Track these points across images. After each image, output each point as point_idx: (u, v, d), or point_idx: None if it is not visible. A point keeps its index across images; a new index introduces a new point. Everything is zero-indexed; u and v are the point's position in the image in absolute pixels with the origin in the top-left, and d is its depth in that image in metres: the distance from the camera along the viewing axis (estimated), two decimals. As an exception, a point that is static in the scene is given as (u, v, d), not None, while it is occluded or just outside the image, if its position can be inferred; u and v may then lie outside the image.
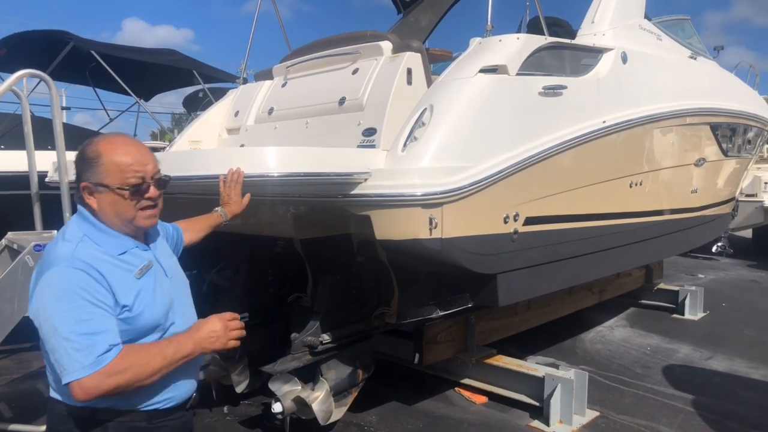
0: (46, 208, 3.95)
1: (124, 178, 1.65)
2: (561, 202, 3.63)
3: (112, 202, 1.67)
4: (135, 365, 1.56)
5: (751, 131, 6.23)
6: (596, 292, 5.74)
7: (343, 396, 3.44)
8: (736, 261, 9.77)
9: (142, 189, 1.69)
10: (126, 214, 1.69)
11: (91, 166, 1.66)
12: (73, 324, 1.51)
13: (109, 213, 1.68)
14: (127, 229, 1.73)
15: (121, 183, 1.65)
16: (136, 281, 1.67)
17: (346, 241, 3.58)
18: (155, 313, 1.69)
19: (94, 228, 1.69)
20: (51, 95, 3.74)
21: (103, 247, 1.66)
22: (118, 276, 1.63)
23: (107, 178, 1.65)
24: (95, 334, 1.52)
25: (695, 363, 4.90)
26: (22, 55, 7.02)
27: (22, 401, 4.02)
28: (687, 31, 5.65)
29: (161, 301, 1.72)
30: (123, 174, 1.65)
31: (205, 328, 1.71)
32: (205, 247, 2.48)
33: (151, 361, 1.58)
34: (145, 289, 1.68)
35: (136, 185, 1.67)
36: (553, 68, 3.72)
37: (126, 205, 1.67)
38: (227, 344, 1.74)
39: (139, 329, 1.65)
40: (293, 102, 4.02)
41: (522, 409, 3.90)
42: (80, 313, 1.53)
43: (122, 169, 1.65)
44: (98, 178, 1.65)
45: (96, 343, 1.51)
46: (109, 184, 1.65)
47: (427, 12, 6.23)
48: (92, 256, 1.61)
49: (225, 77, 8.84)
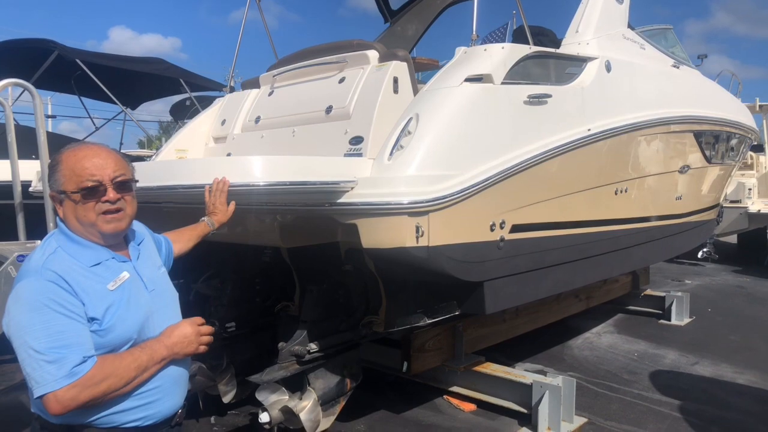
0: (30, 217, 3.91)
1: (78, 182, 1.65)
2: (547, 210, 3.65)
3: (72, 207, 1.67)
4: (111, 375, 1.55)
5: (734, 138, 6.31)
6: (583, 299, 5.77)
7: (331, 405, 3.42)
8: (721, 266, 9.87)
9: (98, 192, 1.66)
10: (85, 218, 1.67)
11: (52, 174, 1.69)
12: (44, 337, 1.50)
13: (71, 220, 1.69)
14: (96, 238, 1.71)
15: (76, 187, 1.65)
16: (108, 293, 1.65)
17: (333, 250, 3.57)
18: (127, 327, 1.65)
19: (68, 239, 1.69)
20: (35, 105, 3.72)
21: (76, 259, 1.65)
22: (88, 287, 1.61)
23: (65, 184, 1.66)
24: (67, 347, 1.50)
25: (682, 368, 4.94)
26: (6, 63, 6.98)
27: (4, 415, 3.97)
28: (670, 40, 5.73)
29: (135, 315, 1.68)
30: (78, 178, 1.65)
31: (176, 333, 1.73)
32: (191, 256, 2.47)
33: (127, 371, 1.59)
34: (118, 302, 1.65)
35: (91, 188, 1.65)
36: (538, 77, 3.75)
37: (84, 210, 1.66)
38: (198, 348, 1.78)
39: (109, 343, 1.62)
40: (280, 110, 4.02)
41: (510, 416, 3.91)
42: (51, 325, 1.51)
43: (77, 173, 1.65)
44: (57, 185, 1.68)
45: (68, 356, 1.49)
46: (66, 190, 1.66)
47: (414, 21, 6.26)
48: (62, 267, 1.60)
49: (212, 86, 8.83)
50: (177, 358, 1.74)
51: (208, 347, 1.81)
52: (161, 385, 1.71)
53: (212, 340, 1.83)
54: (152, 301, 1.77)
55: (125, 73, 7.67)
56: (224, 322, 3.90)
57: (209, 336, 1.81)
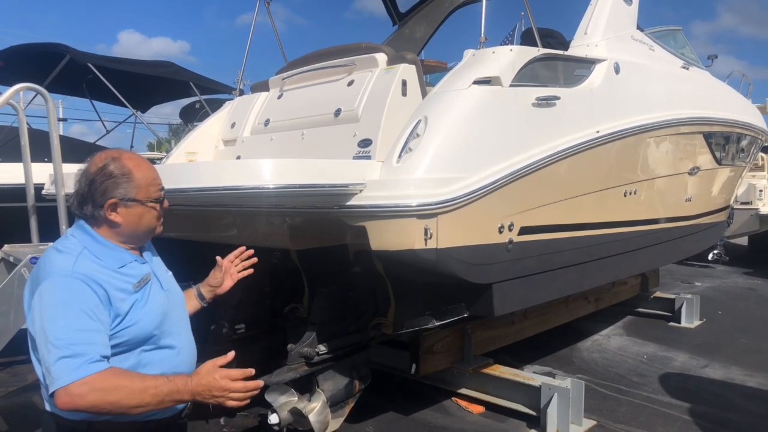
0: (43, 220, 3.95)
1: (150, 192, 1.78)
2: (556, 212, 3.65)
3: (141, 214, 1.77)
4: (125, 387, 1.55)
5: (744, 139, 6.27)
6: (592, 301, 5.75)
7: (340, 407, 3.43)
8: (732, 269, 9.79)
9: (163, 201, 1.84)
10: (151, 224, 1.81)
11: (120, 183, 1.73)
12: (66, 333, 1.53)
13: (136, 226, 1.77)
14: (132, 242, 1.80)
15: (149, 197, 1.77)
16: (132, 293, 1.71)
17: (342, 252, 3.59)
18: (147, 324, 1.71)
19: (94, 241, 1.74)
20: (48, 109, 3.76)
21: (103, 261, 1.70)
22: (116, 288, 1.67)
23: (139, 194, 1.75)
24: (87, 344, 1.54)
25: (692, 371, 4.91)
26: (19, 67, 7.05)
27: (17, 414, 4.01)
28: (679, 41, 5.70)
29: (154, 313, 1.74)
30: (153, 188, 1.79)
31: (205, 382, 1.61)
32: (200, 258, 2.48)
33: (142, 391, 1.55)
34: (140, 301, 1.71)
35: (161, 198, 1.82)
36: (547, 79, 3.75)
37: (152, 217, 1.80)
38: (225, 403, 1.65)
39: (131, 340, 1.67)
40: (289, 113, 4.04)
41: (519, 418, 3.90)
42: (74, 321, 1.55)
43: (150, 183, 1.78)
44: (130, 194, 1.74)
45: (86, 352, 1.52)
46: (141, 199, 1.75)
47: (422, 24, 6.27)
48: (92, 269, 1.65)
49: (221, 89, 8.87)
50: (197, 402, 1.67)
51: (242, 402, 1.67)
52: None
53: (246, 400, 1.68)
54: (168, 301, 1.84)
55: (135, 76, 7.73)
56: (234, 324, 3.93)
57: (243, 393, 1.65)
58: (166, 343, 1.77)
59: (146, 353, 1.72)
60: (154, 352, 1.74)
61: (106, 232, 1.75)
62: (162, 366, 1.74)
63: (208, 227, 3.61)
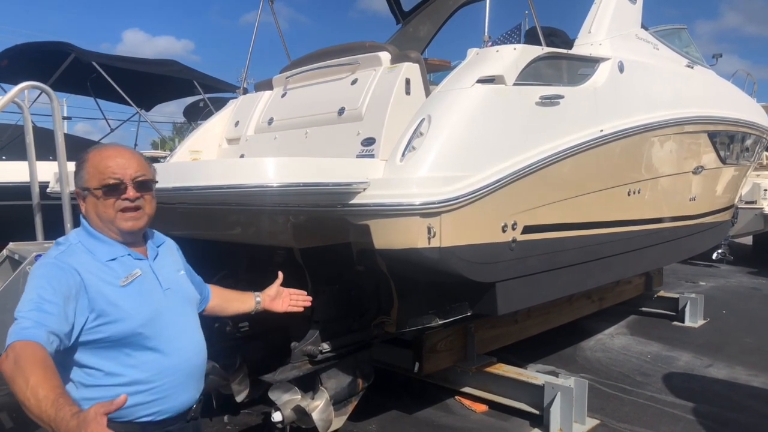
0: (48, 218, 3.97)
1: (101, 179, 1.74)
2: (559, 211, 3.64)
3: (94, 204, 1.75)
4: (21, 371, 1.41)
5: (749, 139, 6.25)
6: (596, 300, 5.74)
7: (343, 405, 3.44)
8: (736, 268, 9.76)
9: (119, 189, 1.74)
10: (105, 215, 1.75)
11: (78, 171, 1.77)
12: (25, 303, 1.56)
13: (92, 216, 1.77)
14: (115, 235, 1.78)
15: (98, 184, 1.73)
16: (118, 288, 1.70)
17: (345, 251, 3.59)
18: (131, 321, 1.68)
19: (88, 235, 1.77)
20: (53, 107, 3.77)
21: (93, 253, 1.72)
22: (99, 279, 1.67)
23: (89, 181, 1.75)
24: (33, 311, 1.53)
25: (696, 371, 4.90)
26: (23, 66, 7.09)
27: (22, 412, 4.02)
28: (684, 40, 5.68)
29: (142, 311, 1.70)
30: (101, 175, 1.74)
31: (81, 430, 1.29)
32: (205, 256, 2.49)
33: (31, 390, 1.38)
34: (127, 297, 1.69)
35: (112, 185, 1.73)
36: (551, 78, 3.75)
37: (104, 206, 1.74)
38: None
39: (113, 336, 1.65)
40: (293, 112, 4.05)
41: (522, 417, 3.90)
42: (38, 292, 1.57)
43: (101, 171, 1.74)
44: (82, 182, 1.76)
45: (28, 317, 1.52)
46: (89, 186, 1.75)
47: (426, 22, 6.26)
48: (77, 260, 1.68)
49: (225, 87, 8.89)
50: None
51: None
52: (174, 380, 1.75)
53: None
54: (165, 300, 1.80)
55: (140, 75, 7.75)
56: (237, 322, 3.94)
57: None
58: (153, 345, 1.71)
59: (130, 352, 1.68)
60: (140, 352, 1.70)
61: (93, 224, 1.78)
62: (146, 369, 1.70)
63: (213, 225, 3.61)
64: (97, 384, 1.66)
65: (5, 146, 5.99)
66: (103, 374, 1.66)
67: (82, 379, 1.66)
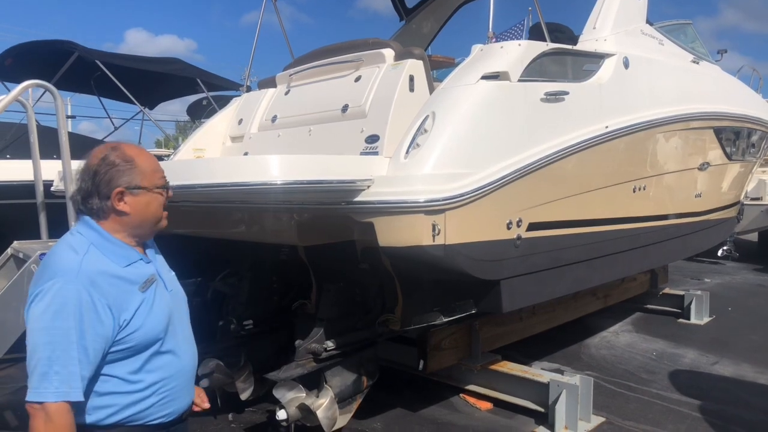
0: (52, 217, 3.97)
1: (155, 179, 1.75)
2: (564, 208, 3.62)
3: (147, 202, 1.73)
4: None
5: (755, 135, 6.21)
6: (601, 297, 5.72)
7: (348, 403, 3.43)
8: (742, 265, 9.72)
9: (167, 189, 1.79)
10: (158, 213, 1.77)
11: (124, 171, 1.69)
12: (59, 344, 1.52)
13: (143, 214, 1.72)
14: (130, 239, 1.73)
15: (154, 183, 1.74)
16: (138, 294, 1.66)
17: (349, 248, 3.58)
18: (155, 326, 1.67)
19: (100, 237, 1.68)
20: (56, 106, 3.77)
21: (110, 258, 1.66)
22: (120, 290, 1.63)
23: (144, 180, 1.71)
24: (73, 365, 1.52)
25: (701, 368, 4.88)
26: (27, 64, 7.09)
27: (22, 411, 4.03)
28: (689, 35, 5.65)
29: (161, 314, 1.70)
30: (156, 174, 1.75)
31: None
32: (209, 254, 2.49)
33: None
34: (146, 302, 1.67)
35: (165, 185, 1.78)
36: (555, 74, 3.73)
37: (159, 205, 1.76)
38: None
39: (139, 344, 1.64)
40: (296, 110, 4.04)
41: (527, 415, 3.89)
42: (69, 335, 1.53)
43: (154, 170, 1.75)
44: (136, 181, 1.70)
45: (72, 375, 1.52)
46: (147, 186, 1.72)
47: (429, 19, 6.25)
48: (98, 271, 1.60)
49: (228, 85, 8.88)
50: None
51: None
52: (183, 381, 1.76)
53: None
54: (172, 301, 1.79)
55: (143, 73, 7.75)
56: (242, 320, 3.94)
57: None
58: (169, 348, 1.71)
59: (150, 357, 1.67)
60: (158, 356, 1.69)
61: (112, 226, 1.69)
62: (163, 372, 1.70)
63: (217, 223, 3.61)
64: (113, 391, 1.64)
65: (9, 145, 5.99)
66: (121, 381, 1.64)
67: (98, 388, 1.62)
